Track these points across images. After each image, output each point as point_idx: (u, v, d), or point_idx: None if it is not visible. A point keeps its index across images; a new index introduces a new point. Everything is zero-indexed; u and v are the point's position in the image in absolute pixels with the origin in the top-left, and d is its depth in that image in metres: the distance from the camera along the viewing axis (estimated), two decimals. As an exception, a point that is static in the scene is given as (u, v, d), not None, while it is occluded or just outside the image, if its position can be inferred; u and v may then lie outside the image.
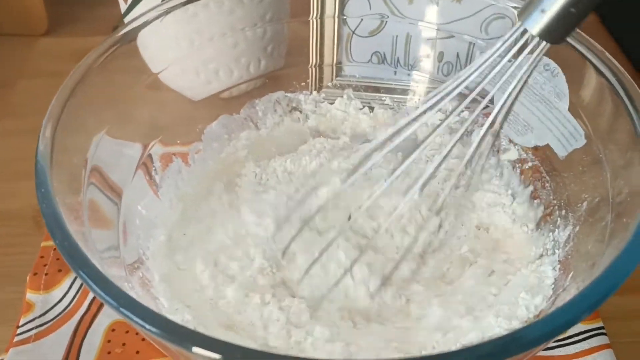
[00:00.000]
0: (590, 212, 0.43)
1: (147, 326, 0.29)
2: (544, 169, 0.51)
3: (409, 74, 0.64)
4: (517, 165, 0.54)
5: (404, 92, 0.63)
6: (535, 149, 0.52)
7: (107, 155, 0.48)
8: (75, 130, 0.44)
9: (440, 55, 0.62)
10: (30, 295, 0.50)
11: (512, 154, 0.54)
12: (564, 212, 0.47)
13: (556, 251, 0.45)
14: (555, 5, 0.35)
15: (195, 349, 0.29)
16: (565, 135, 0.50)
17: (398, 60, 0.65)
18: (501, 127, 0.41)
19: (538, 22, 0.36)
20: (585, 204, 0.44)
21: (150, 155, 0.53)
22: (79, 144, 0.45)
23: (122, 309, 0.31)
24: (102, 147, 0.46)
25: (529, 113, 0.53)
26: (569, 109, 0.49)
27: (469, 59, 0.61)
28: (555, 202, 0.48)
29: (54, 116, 0.41)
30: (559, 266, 0.43)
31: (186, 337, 0.29)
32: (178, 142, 0.55)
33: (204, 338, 0.29)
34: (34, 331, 0.48)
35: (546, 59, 0.52)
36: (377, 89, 0.64)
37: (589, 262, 0.39)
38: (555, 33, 0.36)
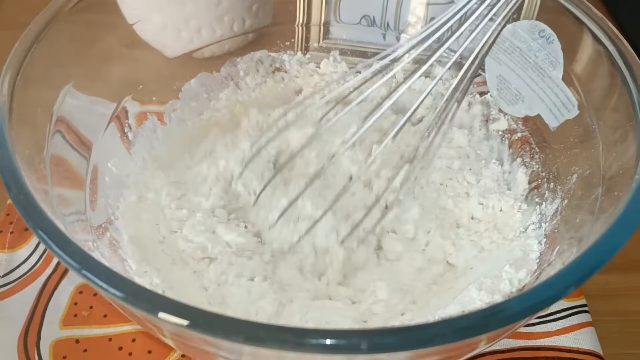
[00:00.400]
0: (579, 186, 0.42)
1: (109, 289, 0.27)
2: (533, 140, 0.49)
3: (397, 39, 0.61)
4: (507, 136, 0.52)
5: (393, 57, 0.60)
6: (526, 119, 0.50)
7: (75, 110, 0.45)
8: (39, 81, 0.41)
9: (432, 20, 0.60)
10: None
11: (502, 124, 0.52)
12: (552, 184, 0.45)
13: (542, 224, 0.44)
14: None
15: (162, 315, 0.27)
16: (557, 105, 0.48)
17: (388, 24, 0.62)
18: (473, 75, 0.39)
19: None
20: (575, 177, 0.43)
21: (124, 111, 0.51)
22: (43, 97, 0.42)
23: (83, 271, 0.29)
24: (70, 102, 0.44)
25: (520, 81, 0.51)
26: (563, 78, 0.47)
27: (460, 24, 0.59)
28: (544, 174, 0.47)
29: (13, 66, 0.38)
30: (545, 240, 0.42)
31: (151, 301, 0.27)
32: (154, 99, 0.52)
33: (171, 303, 0.27)
34: None
35: (541, 25, 0.50)
36: (364, 53, 0.61)
37: (576, 237, 0.37)
38: None
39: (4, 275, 0.47)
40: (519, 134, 0.50)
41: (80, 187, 0.43)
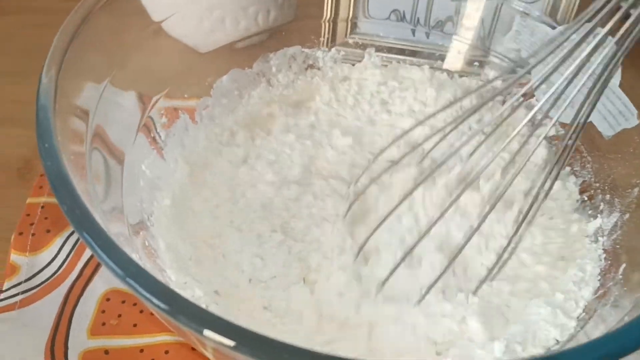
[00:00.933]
0: (643, 199, 0.40)
1: (158, 302, 0.25)
2: (585, 149, 0.47)
3: (427, 35, 0.59)
4: (554, 142, 0.50)
5: (430, 55, 0.58)
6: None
7: (109, 107, 0.42)
8: (78, 77, 0.38)
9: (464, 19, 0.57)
10: (15, 257, 0.45)
11: (549, 130, 0.50)
12: (608, 196, 0.43)
13: (599, 239, 0.42)
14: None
15: (208, 333, 0.25)
16: (613, 113, 0.46)
17: (418, 20, 0.60)
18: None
19: None
20: (636, 190, 0.41)
21: (155, 109, 0.48)
22: (81, 92, 0.40)
23: (129, 280, 0.27)
24: (105, 98, 0.41)
25: (571, 86, 0.49)
26: (621, 84, 0.45)
27: (494, 24, 0.56)
28: (597, 184, 0.45)
29: (56, 59, 0.35)
30: (604, 255, 0.40)
31: (200, 318, 0.25)
32: (185, 96, 0.50)
33: (219, 321, 0.25)
34: (19, 297, 0.44)
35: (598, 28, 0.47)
36: (401, 51, 0.59)
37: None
38: None
39: (26, 280, 0.45)
40: (569, 142, 0.48)
41: (115, 187, 0.41)
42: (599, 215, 0.43)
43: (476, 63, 0.58)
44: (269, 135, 0.51)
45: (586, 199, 0.45)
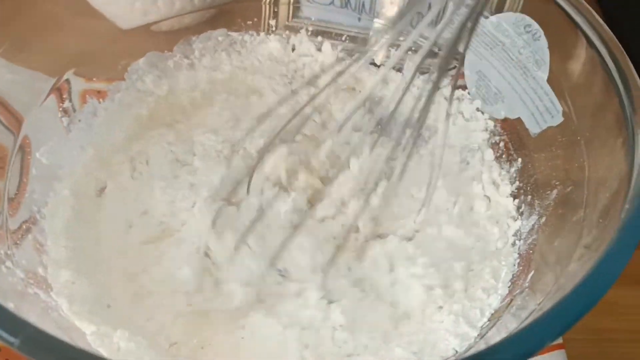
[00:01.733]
0: (559, 203, 0.38)
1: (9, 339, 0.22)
2: (512, 146, 0.45)
3: (372, 22, 0.56)
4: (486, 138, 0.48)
5: (364, 41, 0.55)
6: (505, 121, 0.46)
7: (5, 84, 0.39)
8: None
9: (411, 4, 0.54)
10: None
11: (479, 125, 0.48)
12: (529, 197, 0.41)
13: (517, 242, 0.40)
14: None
15: None
16: (540, 109, 0.44)
17: (363, 5, 0.57)
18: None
19: None
20: (555, 192, 0.39)
21: (66, 85, 0.45)
22: None
23: None
24: None
25: (501, 79, 0.47)
26: (548, 80, 0.43)
27: (441, 13, 0.54)
28: (521, 185, 0.43)
29: None
30: (518, 261, 0.38)
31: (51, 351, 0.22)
32: (96, 78, 0.47)
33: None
34: None
35: (528, 19, 0.45)
36: (338, 36, 0.56)
37: (554, 264, 0.34)
38: None
39: None
40: (497, 137, 0.46)
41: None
42: (519, 217, 0.41)
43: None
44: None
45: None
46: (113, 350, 0.32)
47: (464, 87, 0.50)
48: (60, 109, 0.44)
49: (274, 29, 0.54)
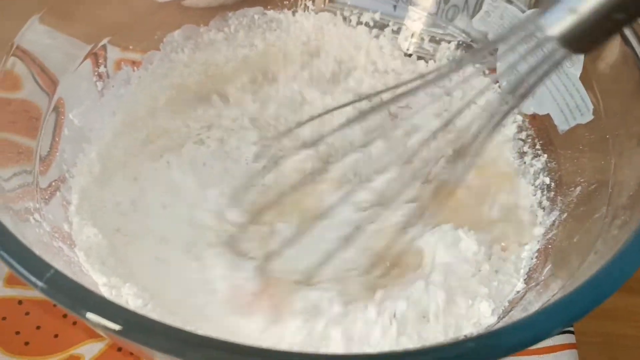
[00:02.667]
0: (582, 200, 0.38)
1: (21, 270, 0.23)
2: (538, 142, 0.44)
3: (408, 11, 0.55)
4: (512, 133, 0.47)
5: (398, 31, 0.55)
6: (533, 116, 0.46)
7: (41, 47, 0.40)
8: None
9: None
10: None
11: (506, 119, 0.47)
12: (552, 193, 0.41)
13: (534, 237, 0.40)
14: (591, 5, 0.25)
15: (90, 316, 0.23)
16: (570, 106, 0.43)
17: None
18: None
19: (561, 23, 0.27)
20: (578, 189, 0.38)
21: (102, 51, 0.46)
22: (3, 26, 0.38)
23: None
24: (35, 38, 0.39)
25: (533, 75, 0.46)
26: (581, 78, 0.42)
27: (477, 6, 0.53)
28: (547, 180, 0.42)
29: None
30: (537, 254, 0.38)
31: (81, 300, 0.23)
32: (130, 48, 0.47)
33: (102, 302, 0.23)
34: None
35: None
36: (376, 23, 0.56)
37: (571, 259, 0.33)
38: (581, 41, 0.27)
39: None
40: (524, 133, 0.46)
41: (32, 134, 0.39)
42: (541, 211, 0.41)
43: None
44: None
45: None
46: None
47: (494, 80, 0.50)
48: (95, 74, 0.46)
49: (309, 9, 0.54)
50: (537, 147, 0.44)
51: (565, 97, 0.43)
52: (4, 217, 0.27)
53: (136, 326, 0.22)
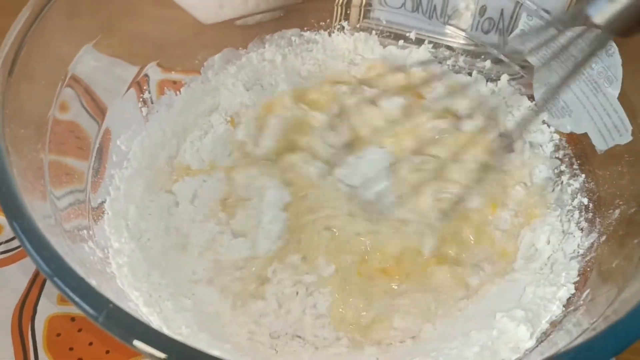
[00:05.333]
0: (622, 223, 0.37)
1: (84, 305, 0.25)
2: (576, 162, 0.44)
3: (444, 26, 0.56)
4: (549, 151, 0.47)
5: (437, 45, 0.56)
6: (570, 136, 0.45)
7: (93, 72, 0.42)
8: (56, 36, 0.39)
9: (483, 10, 0.54)
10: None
11: (544, 137, 0.47)
12: (591, 215, 0.41)
13: (573, 259, 0.39)
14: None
15: (138, 344, 0.24)
16: (608, 126, 0.43)
17: (434, 9, 0.57)
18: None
19: (603, 11, 0.33)
20: (617, 211, 0.38)
21: (139, 83, 0.48)
22: (60, 53, 0.40)
23: (55, 278, 0.27)
24: (88, 62, 0.41)
25: (570, 93, 0.46)
26: (619, 98, 0.42)
27: (514, 18, 0.53)
28: (584, 201, 0.42)
29: (29, 15, 0.35)
30: (576, 278, 0.38)
31: (128, 328, 0.25)
32: (172, 71, 0.49)
33: (148, 331, 0.25)
34: None
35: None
36: (406, 38, 0.56)
37: (611, 284, 0.33)
38: (624, 26, 0.32)
39: (7, 241, 0.46)
40: (561, 152, 0.46)
41: (84, 157, 0.41)
42: (579, 232, 0.41)
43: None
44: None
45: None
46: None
47: (531, 98, 0.50)
48: (140, 100, 0.47)
49: (345, 29, 0.55)
50: (575, 166, 0.44)
51: (603, 117, 0.43)
52: (60, 244, 0.28)
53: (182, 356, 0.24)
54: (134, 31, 0.46)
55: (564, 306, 0.36)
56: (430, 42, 0.55)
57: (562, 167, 0.45)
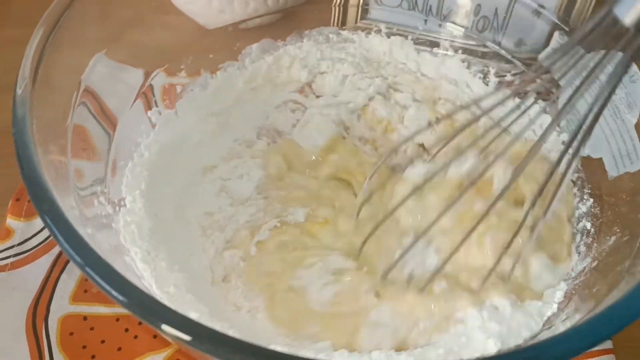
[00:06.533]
0: (613, 250, 0.54)
1: (114, 293, 0.41)
2: (587, 185, 0.60)
3: (440, 25, 0.75)
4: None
5: (433, 44, 0.75)
6: (585, 159, 0.61)
7: (103, 80, 0.61)
8: (70, 46, 0.56)
9: (478, 8, 0.73)
10: (10, 221, 0.67)
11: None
12: (590, 240, 0.57)
13: (563, 282, 0.56)
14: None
15: (165, 327, 0.40)
16: (622, 152, 0.58)
17: (430, 8, 0.76)
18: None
19: (632, 11, 0.40)
20: (613, 238, 0.54)
21: (144, 93, 0.67)
22: (73, 62, 0.58)
23: (87, 269, 0.42)
24: (99, 70, 0.59)
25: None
26: (636, 125, 0.57)
27: (508, 16, 0.71)
28: (588, 226, 0.59)
29: (46, 26, 0.52)
30: (563, 300, 0.54)
31: (155, 312, 0.40)
32: (177, 74, 0.69)
33: (174, 315, 0.40)
34: (10, 259, 0.65)
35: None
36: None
37: (587, 308, 0.49)
38: None
39: (18, 244, 0.65)
40: (576, 175, 0.62)
41: (100, 161, 0.60)
42: (576, 255, 0.57)
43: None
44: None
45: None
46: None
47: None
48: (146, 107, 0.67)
49: (382, 32, 0.76)
50: (586, 190, 0.61)
51: (619, 143, 0.59)
52: (84, 232, 0.44)
53: (205, 338, 0.39)
54: (137, 37, 0.65)
55: (543, 324, 0.52)
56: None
57: (575, 190, 0.62)
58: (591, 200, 0.60)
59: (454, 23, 0.73)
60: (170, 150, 0.67)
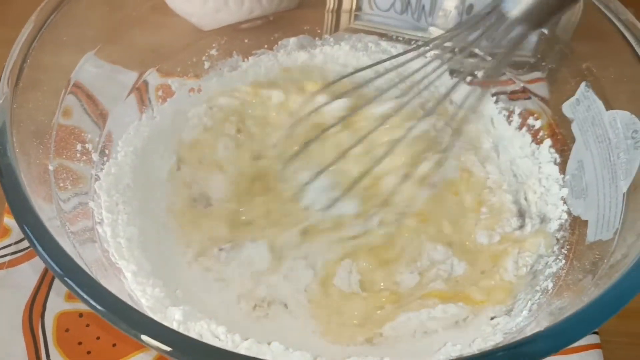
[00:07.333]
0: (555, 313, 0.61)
1: (94, 304, 0.47)
2: (566, 246, 0.70)
3: (430, 26, 0.86)
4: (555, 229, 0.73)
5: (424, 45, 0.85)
6: (574, 219, 0.70)
7: (94, 78, 0.71)
8: (59, 46, 0.65)
9: (469, 9, 0.83)
10: (7, 220, 0.80)
11: (556, 213, 0.73)
12: (544, 300, 0.65)
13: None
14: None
15: (145, 338, 0.44)
16: (605, 218, 0.67)
17: (423, 8, 0.86)
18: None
19: (517, 6, 0.55)
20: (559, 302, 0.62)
21: (144, 83, 0.79)
22: (62, 62, 0.67)
23: (66, 279, 0.49)
24: (90, 69, 0.70)
25: (593, 176, 0.70)
26: (625, 194, 0.64)
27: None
28: (549, 285, 0.67)
29: (33, 27, 0.61)
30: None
31: (136, 323, 0.46)
32: (169, 75, 0.82)
33: (154, 326, 0.46)
34: (7, 258, 0.78)
35: (639, 124, 0.66)
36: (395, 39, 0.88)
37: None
38: (537, 18, 0.56)
39: (15, 243, 0.79)
40: (561, 233, 0.73)
41: (88, 162, 0.71)
42: (527, 312, 0.66)
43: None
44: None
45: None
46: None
47: (563, 171, 0.75)
48: (139, 104, 0.79)
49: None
50: (564, 250, 0.71)
51: (606, 209, 0.68)
52: (65, 243, 0.54)
53: (184, 348, 0.44)
54: (131, 38, 0.76)
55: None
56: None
57: (555, 249, 0.72)
58: (563, 261, 0.69)
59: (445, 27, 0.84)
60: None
